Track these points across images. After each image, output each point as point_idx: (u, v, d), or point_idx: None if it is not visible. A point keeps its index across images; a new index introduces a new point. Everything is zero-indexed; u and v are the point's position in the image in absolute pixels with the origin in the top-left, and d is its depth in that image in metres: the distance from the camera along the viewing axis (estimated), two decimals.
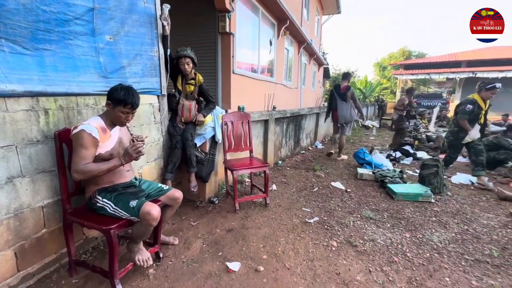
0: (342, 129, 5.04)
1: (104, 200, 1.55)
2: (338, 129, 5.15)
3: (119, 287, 1.53)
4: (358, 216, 2.65)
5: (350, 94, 4.82)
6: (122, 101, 1.49)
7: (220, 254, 1.98)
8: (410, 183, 3.62)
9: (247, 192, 3.24)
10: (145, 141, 1.58)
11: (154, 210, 1.50)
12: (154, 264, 1.82)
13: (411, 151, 5.46)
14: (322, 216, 2.64)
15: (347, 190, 3.40)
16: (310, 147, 6.45)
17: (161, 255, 1.88)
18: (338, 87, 4.99)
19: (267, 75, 6.54)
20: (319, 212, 2.74)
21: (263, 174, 2.95)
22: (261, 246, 2.10)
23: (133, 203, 1.51)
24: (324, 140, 7.68)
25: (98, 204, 1.55)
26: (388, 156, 5.04)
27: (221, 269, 1.80)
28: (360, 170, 4.05)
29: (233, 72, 4.54)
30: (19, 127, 1.47)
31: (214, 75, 4.53)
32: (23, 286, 1.56)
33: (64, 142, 1.58)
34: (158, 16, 2.32)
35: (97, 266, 1.62)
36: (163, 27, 2.36)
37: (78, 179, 1.48)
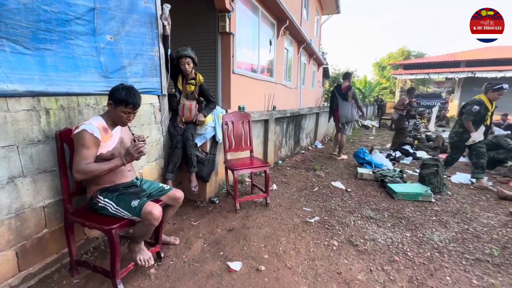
0: (342, 128, 5.06)
1: (105, 200, 1.55)
2: (339, 128, 5.17)
3: (120, 287, 1.53)
4: (359, 216, 2.66)
5: (351, 93, 4.84)
6: (123, 101, 1.49)
7: (221, 253, 1.98)
8: (410, 182, 3.63)
9: (248, 192, 3.24)
10: (146, 141, 1.58)
11: (155, 210, 1.50)
12: (156, 264, 1.82)
13: (411, 150, 5.48)
14: (323, 216, 2.64)
15: (348, 190, 3.40)
16: (310, 147, 6.45)
17: (162, 255, 1.88)
18: (339, 87, 5.01)
19: (267, 75, 6.54)
20: (319, 212, 2.74)
21: (263, 174, 2.95)
22: (262, 245, 2.10)
23: (134, 203, 1.51)
24: (324, 140, 7.69)
25: (99, 204, 1.55)
26: (388, 156, 5.06)
27: (222, 268, 1.81)
28: (360, 170, 4.06)
29: (233, 72, 4.54)
30: (20, 127, 1.47)
31: (214, 75, 4.52)
32: (24, 286, 1.55)
33: (65, 142, 1.58)
34: (159, 16, 2.32)
35: (98, 266, 1.62)
36: (164, 27, 2.36)
37: (79, 179, 1.48)
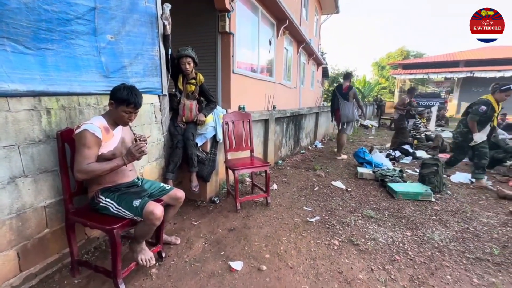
0: (343, 128, 5.08)
1: (107, 200, 1.55)
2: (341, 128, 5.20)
3: (122, 287, 1.53)
4: (359, 215, 2.66)
5: (352, 93, 4.88)
6: (125, 100, 1.49)
7: (222, 253, 1.98)
8: (410, 182, 3.63)
9: (248, 192, 3.24)
10: (147, 140, 1.58)
11: (157, 209, 1.50)
12: (157, 264, 1.82)
13: (411, 150, 5.49)
14: (323, 215, 2.65)
15: (348, 189, 3.41)
16: (309, 147, 6.46)
17: (163, 255, 1.88)
18: (340, 87, 5.05)
19: (267, 75, 6.55)
20: (320, 211, 2.75)
21: (263, 174, 2.95)
22: (263, 245, 2.10)
23: (136, 203, 1.51)
24: (323, 139, 7.69)
25: (101, 204, 1.55)
26: (388, 155, 5.07)
27: (223, 268, 1.81)
28: (360, 169, 4.07)
29: (233, 72, 4.54)
30: (21, 126, 1.47)
31: (214, 75, 4.52)
32: (25, 286, 1.55)
33: (66, 141, 1.58)
34: (159, 16, 2.32)
35: (99, 266, 1.62)
36: (164, 26, 2.36)
37: (81, 179, 1.48)
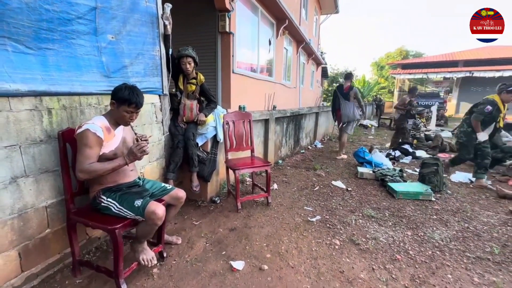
0: (344, 127, 5.10)
1: (108, 199, 1.55)
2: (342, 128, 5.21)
3: (124, 287, 1.53)
4: (360, 215, 2.67)
5: (353, 93, 4.90)
6: (126, 100, 1.49)
7: (223, 253, 1.98)
8: (410, 181, 3.64)
9: (249, 192, 3.24)
10: (149, 140, 1.58)
11: (159, 209, 1.50)
12: (158, 264, 1.82)
13: (410, 150, 5.50)
14: (324, 215, 2.65)
15: (348, 189, 3.41)
16: (309, 147, 6.46)
17: (164, 255, 1.88)
18: (341, 87, 5.08)
19: (266, 75, 6.55)
20: (321, 211, 2.75)
21: (264, 174, 2.95)
22: (264, 245, 2.10)
23: (138, 203, 1.51)
24: (323, 139, 7.70)
25: (102, 204, 1.55)
26: (388, 155, 5.08)
27: (225, 268, 1.81)
28: (360, 169, 4.07)
29: (233, 72, 4.54)
30: (22, 126, 1.46)
31: (214, 75, 4.52)
32: (27, 286, 1.55)
33: (67, 141, 1.58)
34: (160, 16, 2.32)
35: (101, 266, 1.62)
36: (165, 26, 2.36)
37: (82, 179, 1.48)
